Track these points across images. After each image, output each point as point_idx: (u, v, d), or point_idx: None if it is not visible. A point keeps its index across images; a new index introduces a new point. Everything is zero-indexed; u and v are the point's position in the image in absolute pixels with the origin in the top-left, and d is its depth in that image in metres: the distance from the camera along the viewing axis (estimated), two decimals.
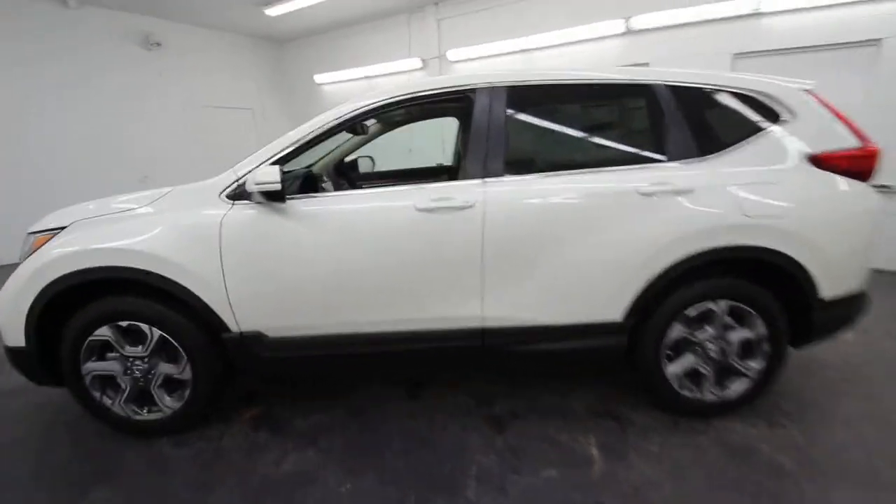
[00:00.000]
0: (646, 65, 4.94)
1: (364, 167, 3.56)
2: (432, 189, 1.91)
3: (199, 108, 7.31)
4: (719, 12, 4.56)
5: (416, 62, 6.78)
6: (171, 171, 6.86)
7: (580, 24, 5.31)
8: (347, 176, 3.28)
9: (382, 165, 3.75)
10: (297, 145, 1.93)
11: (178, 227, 1.86)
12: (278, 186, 1.75)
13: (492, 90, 1.97)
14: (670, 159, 1.95)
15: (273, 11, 6.36)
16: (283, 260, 1.87)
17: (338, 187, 2.71)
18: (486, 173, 1.91)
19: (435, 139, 6.92)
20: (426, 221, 1.86)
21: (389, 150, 3.49)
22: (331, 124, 1.94)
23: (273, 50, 8.33)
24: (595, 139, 2.05)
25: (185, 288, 1.85)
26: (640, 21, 4.96)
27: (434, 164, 3.73)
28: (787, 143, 1.95)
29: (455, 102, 2.06)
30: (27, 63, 5.57)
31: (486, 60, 6.22)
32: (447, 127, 6.58)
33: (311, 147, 1.98)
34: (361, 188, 3.35)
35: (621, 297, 1.94)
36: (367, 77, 7.41)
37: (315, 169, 3.08)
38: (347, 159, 3.45)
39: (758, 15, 4.47)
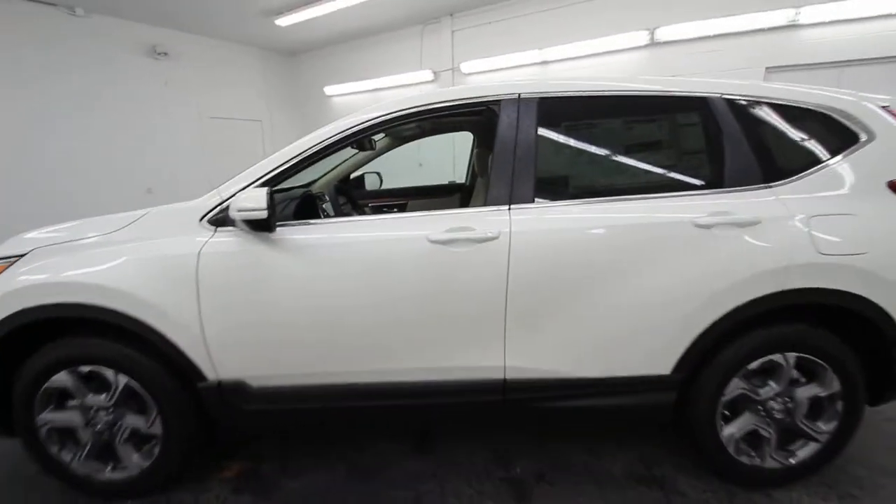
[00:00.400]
0: None
1: (371, 184, 3.30)
2: (448, 217, 1.63)
3: (206, 120, 7.15)
4: (752, 24, 4.28)
5: (427, 74, 6.57)
6: (176, 183, 6.67)
7: (601, 35, 5.07)
8: (351, 195, 3.01)
9: (390, 181, 3.50)
10: (291, 163, 1.66)
11: (148, 258, 1.59)
12: (264, 214, 1.47)
13: (520, 102, 1.69)
14: (730, 186, 1.64)
15: (283, 22, 6.21)
16: (271, 298, 1.59)
17: (338, 210, 2.43)
18: (511, 199, 1.62)
19: (446, 153, 6.68)
20: (441, 255, 1.57)
21: (398, 164, 3.23)
22: (332, 139, 1.68)
23: (283, 61, 8.21)
24: (640, 161, 1.75)
25: (152, 328, 1.57)
26: (666, 32, 4.69)
27: (446, 182, 3.46)
28: (865, 167, 1.65)
29: (474, 116, 1.79)
30: (32, 71, 5.44)
31: (501, 73, 5.99)
32: (459, 141, 6.34)
33: (309, 165, 1.71)
34: (366, 209, 3.11)
35: (671, 346, 1.63)
36: (376, 89, 7.23)
37: (316, 188, 2.82)
38: (353, 176, 3.20)
39: (794, 27, 4.18)
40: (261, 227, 1.53)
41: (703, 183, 1.68)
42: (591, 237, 1.58)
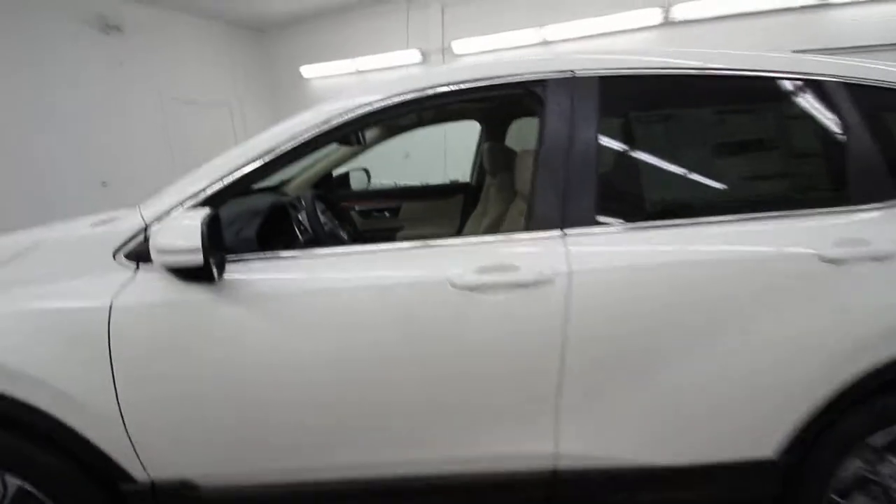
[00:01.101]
0: None
1: (357, 183, 2.78)
2: (476, 248, 1.15)
3: (167, 103, 6.42)
4: (780, 2, 3.86)
5: (414, 55, 5.99)
6: (136, 175, 5.96)
7: (608, 13, 4.58)
8: (334, 201, 2.49)
9: (376, 175, 2.99)
10: (246, 171, 1.15)
11: (34, 312, 1.07)
12: (199, 259, 0.96)
13: (574, 83, 1.20)
14: (858, 202, 1.21)
15: None
16: (223, 370, 1.09)
17: (318, 224, 1.91)
18: (565, 220, 1.15)
19: (436, 143, 6.18)
20: (468, 306, 1.09)
21: (381, 155, 2.73)
22: (316, 133, 1.16)
23: (253, 38, 7.47)
24: (738, 166, 1.30)
25: (48, 416, 1.07)
26: (683, 10, 4.24)
27: (447, 181, 2.96)
28: None
29: (506, 101, 1.32)
30: None
31: (497, 54, 5.46)
32: (451, 130, 5.83)
33: (274, 171, 1.20)
34: (354, 218, 2.59)
35: (779, 422, 1.20)
36: (359, 71, 6.60)
37: (290, 190, 2.30)
38: (336, 173, 2.68)
39: (826, 6, 3.78)
40: (196, 276, 1.02)
41: (820, 198, 1.24)
42: (682, 278, 1.12)
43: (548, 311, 1.09)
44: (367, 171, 2.81)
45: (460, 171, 5.43)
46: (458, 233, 2.58)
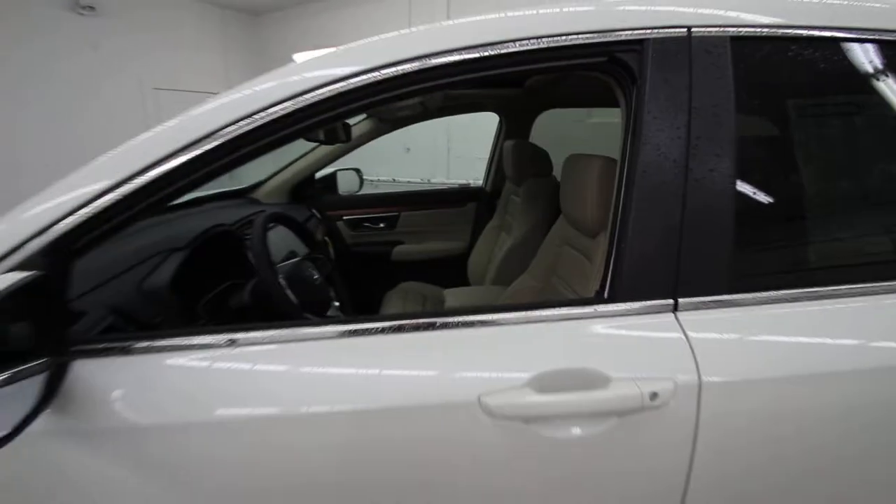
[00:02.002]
0: None
1: (346, 186, 2.29)
2: (521, 332, 0.65)
3: (149, 92, 5.92)
4: None
5: None
6: None
7: None
8: (302, 222, 2.00)
9: (368, 172, 2.50)
10: (129, 191, 0.65)
11: None
12: None
13: (691, 44, 0.70)
14: None
15: None
16: None
17: (267, 285, 1.39)
18: (680, 284, 0.66)
19: (438, 136, 5.68)
20: (515, 451, 0.60)
21: (377, 149, 2.23)
22: (270, 117, 0.65)
23: (245, 23, 6.94)
24: None
25: None
26: None
27: (455, 185, 2.46)
28: None
29: (541, 84, 0.89)
30: None
31: None
32: (454, 121, 5.33)
33: (201, 183, 0.70)
34: (339, 234, 2.09)
35: None
36: None
37: (262, 195, 1.82)
38: (320, 175, 2.18)
39: None
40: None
41: None
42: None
43: (659, 461, 0.60)
44: (358, 172, 2.32)
45: (471, 173, 4.95)
46: (469, 251, 2.10)
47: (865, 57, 0.71)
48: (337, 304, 1.20)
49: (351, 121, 1.88)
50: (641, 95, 0.69)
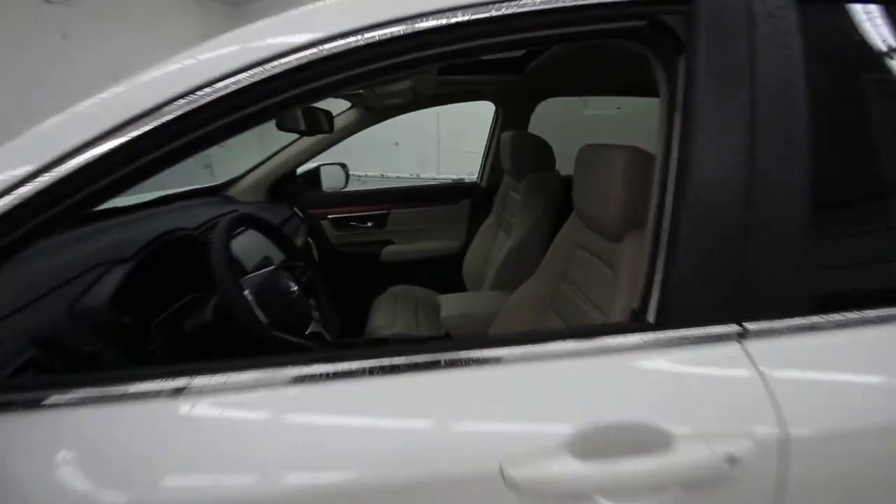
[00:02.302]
0: None
1: (330, 182, 2.12)
2: (548, 369, 0.51)
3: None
4: None
5: None
6: None
7: None
8: (295, 215, 1.83)
9: (354, 167, 2.34)
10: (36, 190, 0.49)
11: None
12: None
13: (753, 6, 0.56)
14: None
15: None
16: None
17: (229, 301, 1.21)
18: (745, 303, 0.52)
19: (428, 129, 5.52)
20: None
21: (363, 143, 2.07)
22: (186, 108, 0.49)
23: (225, 14, 6.67)
24: None
25: None
26: None
27: (448, 180, 2.31)
28: None
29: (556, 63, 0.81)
30: None
31: None
32: (445, 113, 5.17)
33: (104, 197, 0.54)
34: (323, 235, 1.93)
35: None
36: None
37: (236, 193, 1.66)
38: (301, 170, 2.02)
39: None
40: None
41: None
42: None
43: None
44: (343, 167, 2.16)
45: (463, 167, 4.79)
46: (464, 251, 1.95)
47: None
48: (318, 318, 1.05)
49: (334, 111, 1.72)
50: (693, 68, 0.55)
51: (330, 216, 2.02)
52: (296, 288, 0.94)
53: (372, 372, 0.49)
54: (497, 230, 1.86)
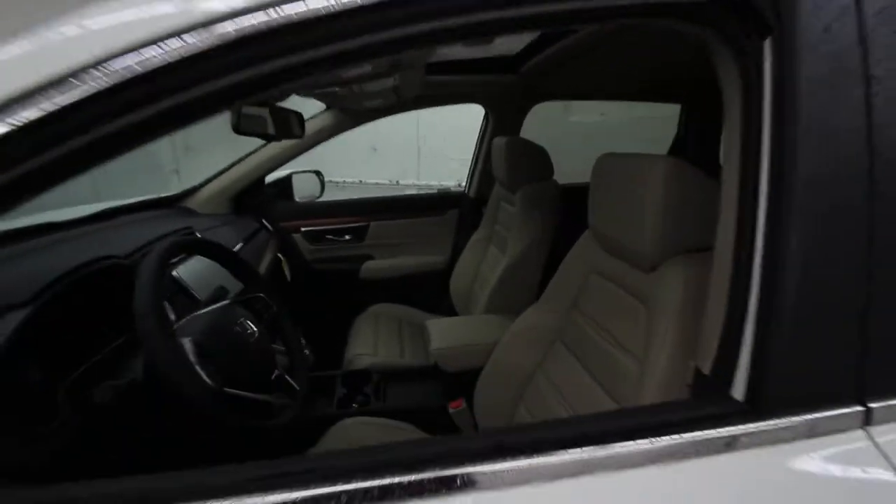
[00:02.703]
0: None
1: (303, 192, 1.93)
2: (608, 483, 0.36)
3: None
4: None
5: None
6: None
7: None
8: (263, 228, 1.63)
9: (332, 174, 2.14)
10: None
11: None
12: None
13: None
14: None
15: None
16: None
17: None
18: (868, 372, 0.38)
19: (408, 133, 5.36)
20: None
21: (339, 148, 1.89)
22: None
23: None
24: None
25: None
26: None
27: (433, 189, 2.15)
28: None
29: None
30: None
31: None
32: (425, 117, 5.00)
33: None
34: (296, 249, 1.73)
35: None
36: None
37: (196, 204, 1.47)
38: (270, 179, 1.82)
39: None
40: None
41: None
42: None
43: None
44: (318, 175, 1.97)
45: (443, 173, 4.63)
46: (451, 267, 1.79)
47: None
48: (285, 360, 0.87)
49: (306, 113, 1.55)
50: (790, 54, 0.41)
51: (303, 229, 1.83)
52: (253, 329, 0.76)
53: (358, 500, 0.33)
54: (487, 245, 1.71)
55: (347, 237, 1.87)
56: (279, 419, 0.72)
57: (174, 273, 0.96)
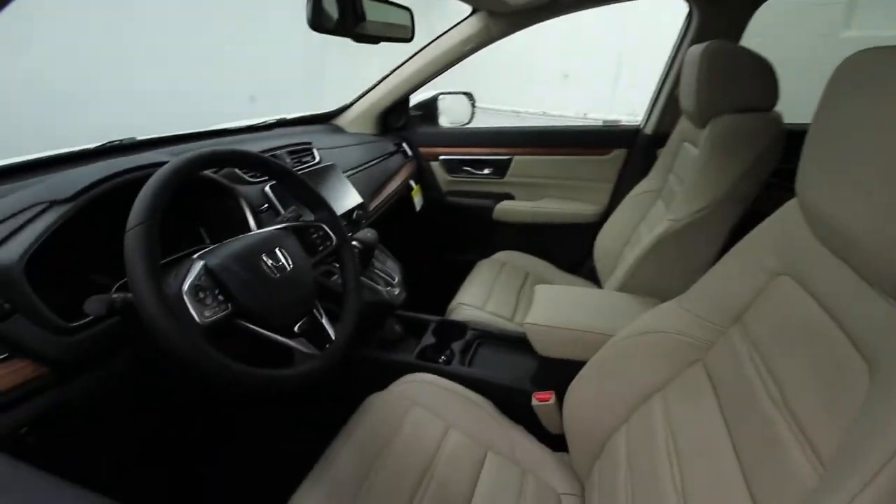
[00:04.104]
0: None
1: (450, 115, 1.76)
2: None
3: None
4: None
5: None
6: (282, 91, 5.78)
7: None
8: (400, 151, 1.54)
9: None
10: None
11: None
12: None
13: None
14: None
15: None
16: None
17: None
18: None
19: (605, 54, 4.67)
20: None
21: (524, 72, 1.59)
22: None
23: None
24: None
25: None
26: None
27: (600, 123, 1.72)
28: None
29: None
30: None
31: None
32: (630, 37, 4.24)
33: None
34: (431, 177, 1.59)
35: None
36: None
37: (345, 123, 1.46)
38: (416, 102, 1.70)
39: None
40: None
41: None
42: None
43: None
44: (469, 97, 1.76)
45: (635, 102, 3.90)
46: (603, 219, 1.43)
47: None
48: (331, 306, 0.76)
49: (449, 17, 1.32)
50: None
51: (441, 157, 1.69)
52: (286, 262, 0.65)
53: None
54: (655, 198, 1.29)
55: (486, 171, 1.66)
56: (295, 369, 0.62)
57: (266, 189, 0.93)
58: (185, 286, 0.54)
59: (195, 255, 0.60)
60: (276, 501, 0.66)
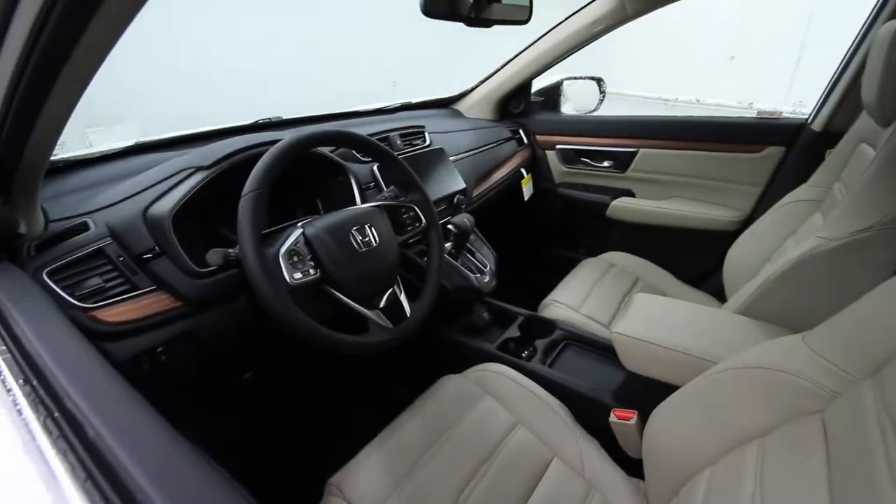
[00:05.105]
0: None
1: (574, 102, 1.67)
2: None
3: None
4: None
5: None
6: (423, 76, 6.06)
7: None
8: (516, 138, 1.51)
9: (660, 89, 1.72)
10: None
11: None
12: None
13: None
14: None
15: None
16: None
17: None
18: None
19: (786, 30, 4.01)
20: None
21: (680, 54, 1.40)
22: None
23: None
24: None
25: None
26: None
27: (753, 115, 1.46)
28: None
29: None
30: None
31: None
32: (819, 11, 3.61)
33: None
34: (546, 168, 1.53)
35: None
36: None
37: (465, 108, 1.50)
38: (538, 89, 1.64)
39: None
40: None
41: None
42: None
43: None
44: (599, 82, 1.64)
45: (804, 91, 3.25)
46: (741, 229, 1.23)
47: None
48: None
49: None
50: None
51: (558, 146, 1.61)
52: (373, 238, 0.70)
53: None
54: (813, 210, 1.07)
55: (606, 164, 1.54)
56: (366, 338, 0.67)
57: (374, 168, 1.00)
58: (283, 249, 0.62)
59: (299, 224, 0.68)
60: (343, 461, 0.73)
